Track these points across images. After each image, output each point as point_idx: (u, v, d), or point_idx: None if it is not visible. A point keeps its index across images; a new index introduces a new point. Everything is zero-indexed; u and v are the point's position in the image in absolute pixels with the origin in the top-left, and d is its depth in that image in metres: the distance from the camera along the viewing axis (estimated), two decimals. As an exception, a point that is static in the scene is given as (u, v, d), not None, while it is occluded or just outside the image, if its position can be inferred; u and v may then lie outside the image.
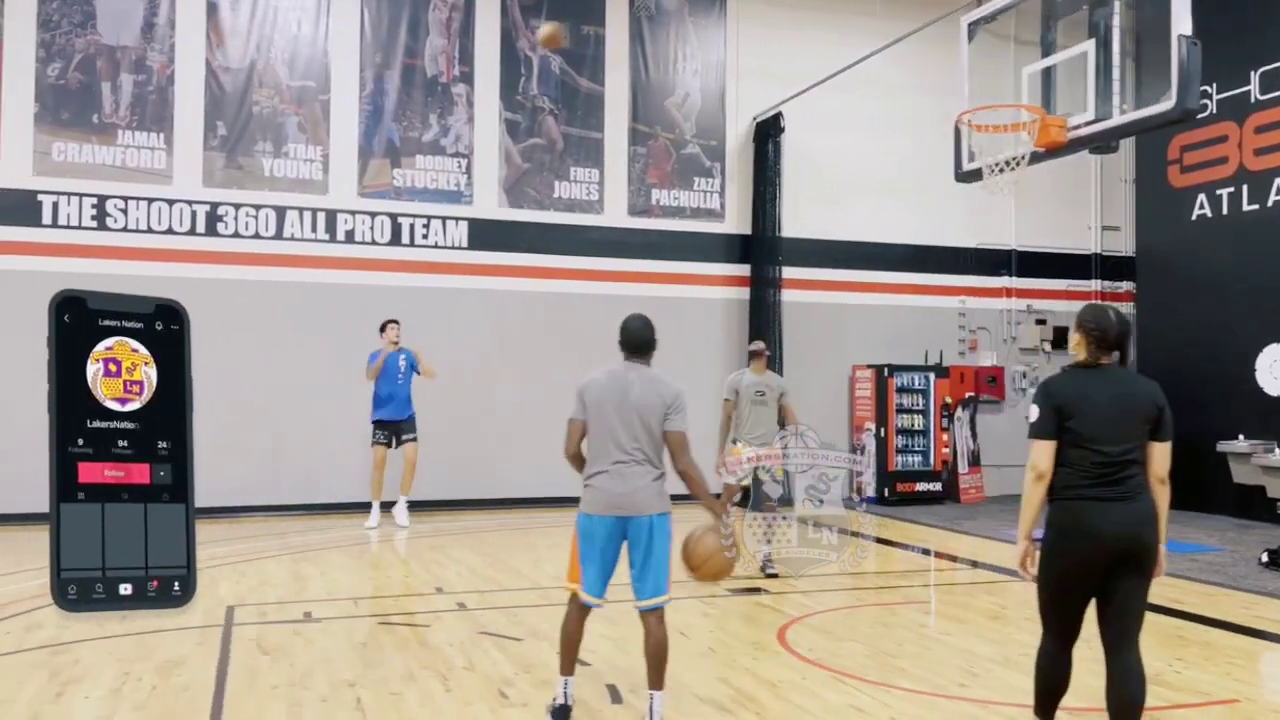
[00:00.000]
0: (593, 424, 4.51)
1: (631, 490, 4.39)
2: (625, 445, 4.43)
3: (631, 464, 4.42)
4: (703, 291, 13.49)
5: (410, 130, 12.47)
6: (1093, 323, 3.90)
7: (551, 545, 9.61)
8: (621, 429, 4.44)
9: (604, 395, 4.51)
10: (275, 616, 6.56)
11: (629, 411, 4.46)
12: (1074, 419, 3.80)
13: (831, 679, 5.19)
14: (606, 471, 4.43)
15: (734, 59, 13.70)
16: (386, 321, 11.00)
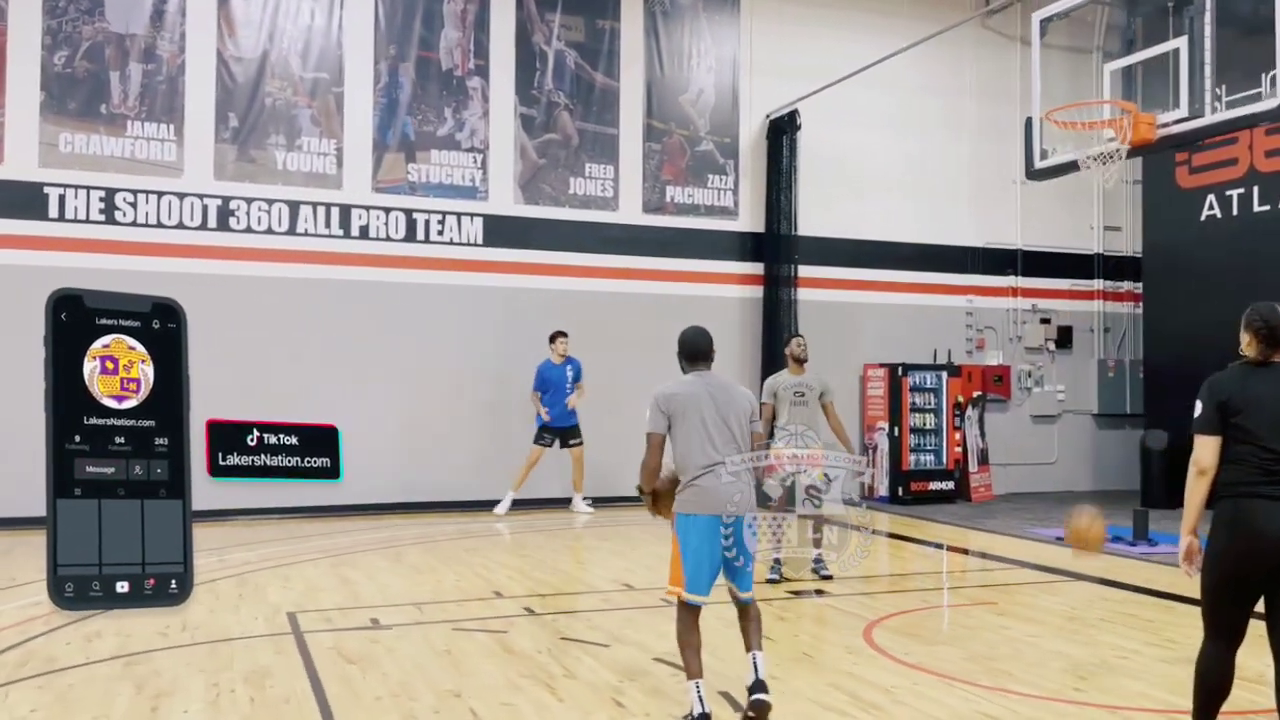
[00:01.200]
0: (681, 432, 4.69)
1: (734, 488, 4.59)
2: (720, 449, 4.64)
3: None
4: (716, 290, 13.42)
5: (425, 124, 12.24)
6: (1260, 321, 3.90)
7: (588, 548, 9.51)
8: (715, 434, 4.66)
9: (689, 405, 4.71)
10: (343, 623, 6.37)
11: (718, 417, 4.69)
12: (1240, 415, 3.78)
13: (942, 684, 5.12)
14: (708, 473, 4.60)
15: (747, 55, 13.64)
16: (556, 333, 11.54)
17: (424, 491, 11.74)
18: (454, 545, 9.59)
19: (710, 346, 5.01)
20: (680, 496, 4.67)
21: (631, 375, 12.79)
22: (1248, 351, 3.94)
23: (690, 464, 4.62)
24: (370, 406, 11.53)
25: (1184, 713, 4.63)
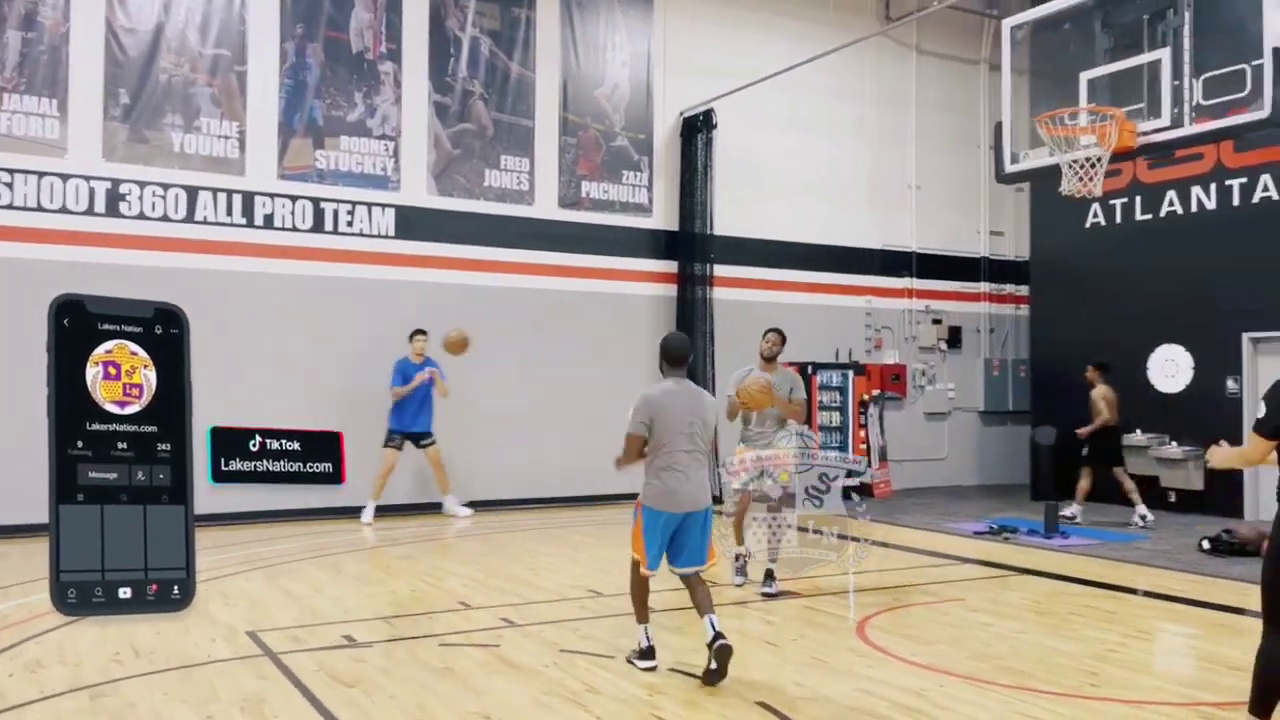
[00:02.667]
0: (658, 433, 5.31)
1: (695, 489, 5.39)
2: (690, 452, 5.36)
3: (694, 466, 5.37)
4: (631, 287, 13.29)
5: (334, 109, 11.62)
6: None
7: (531, 553, 9.21)
8: (686, 438, 5.33)
9: (668, 409, 5.34)
10: (314, 643, 5.91)
11: (688, 422, 5.37)
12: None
13: (967, 685, 5.15)
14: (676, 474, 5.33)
15: (660, 52, 13.56)
16: (415, 332, 10.93)
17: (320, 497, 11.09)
18: (387, 553, 9.12)
19: (689, 353, 5.66)
20: (648, 491, 5.36)
21: (547, 372, 12.56)
22: None
23: (661, 463, 5.29)
24: (281, 406, 10.85)
25: (1203, 704, 4.80)
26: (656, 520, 5.33)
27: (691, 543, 5.41)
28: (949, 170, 15.83)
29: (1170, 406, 12.82)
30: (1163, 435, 12.78)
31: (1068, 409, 13.85)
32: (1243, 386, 12.13)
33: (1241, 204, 12.17)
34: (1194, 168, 12.38)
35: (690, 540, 5.40)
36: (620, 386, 13.07)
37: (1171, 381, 12.88)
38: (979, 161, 16.13)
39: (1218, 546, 9.55)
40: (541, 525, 11.03)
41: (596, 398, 12.90)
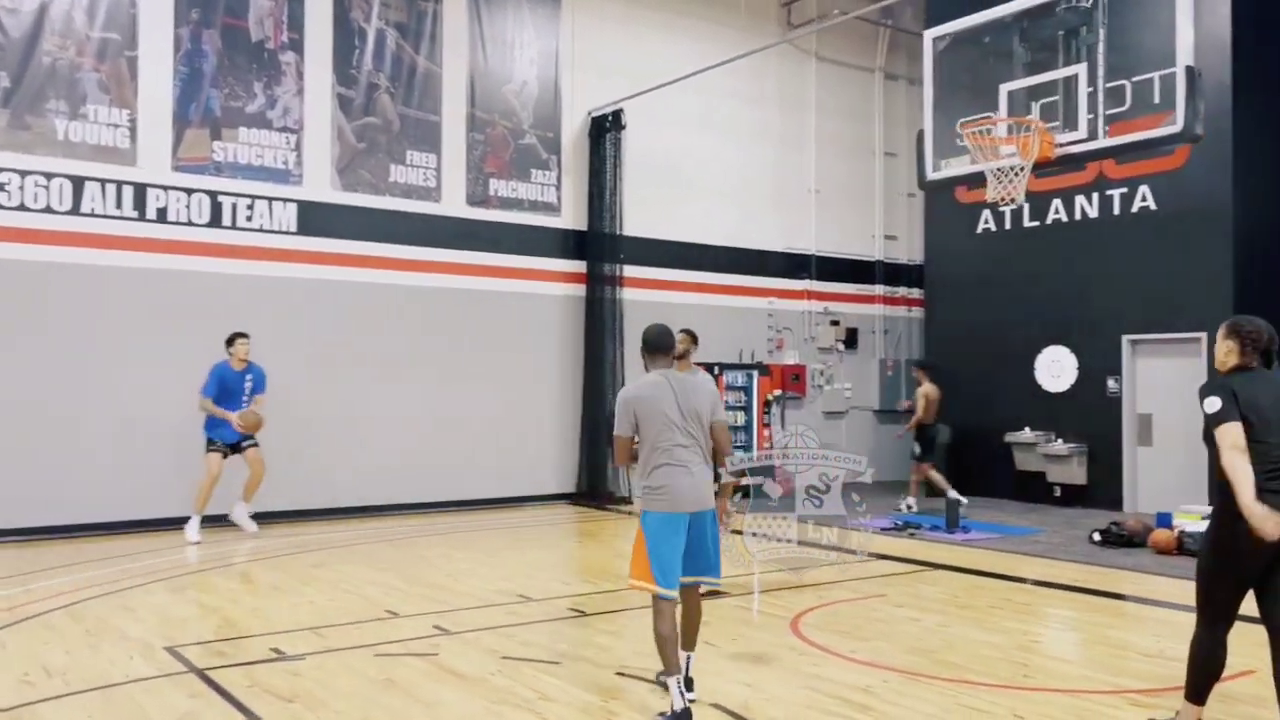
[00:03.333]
0: (648, 432, 4.75)
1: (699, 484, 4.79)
2: (686, 445, 4.76)
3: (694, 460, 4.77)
4: (539, 287, 13.19)
5: (233, 99, 11.17)
6: (1249, 329, 4.25)
7: (444, 557, 9.04)
8: (680, 431, 4.75)
9: (654, 405, 4.76)
10: (241, 657, 5.66)
11: (681, 414, 4.77)
12: (1248, 415, 4.08)
13: (909, 680, 5.28)
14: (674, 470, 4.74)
15: (569, 50, 13.49)
16: (235, 335, 10.02)
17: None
18: (297, 561, 8.81)
19: (673, 343, 5.00)
20: (647, 496, 4.76)
21: (453, 373, 12.36)
22: (1230, 359, 4.28)
23: (655, 461, 4.71)
24: (162, 410, 10.39)
25: (1130, 692, 5.04)
26: (661, 525, 4.65)
27: (701, 549, 4.75)
28: (846, 175, 16.22)
29: (1056, 405, 13.43)
30: (1049, 433, 13.36)
31: (961, 408, 14.37)
32: (1122, 386, 12.78)
33: (1122, 213, 12.83)
34: (1078, 177, 12.97)
35: (700, 546, 4.74)
36: (528, 387, 13.02)
37: (1057, 381, 13.48)
38: (874, 167, 16.58)
39: (1107, 538, 10.04)
40: (450, 529, 10.84)
41: (504, 398, 12.79)
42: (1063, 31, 7.30)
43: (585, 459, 13.18)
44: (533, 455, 13.02)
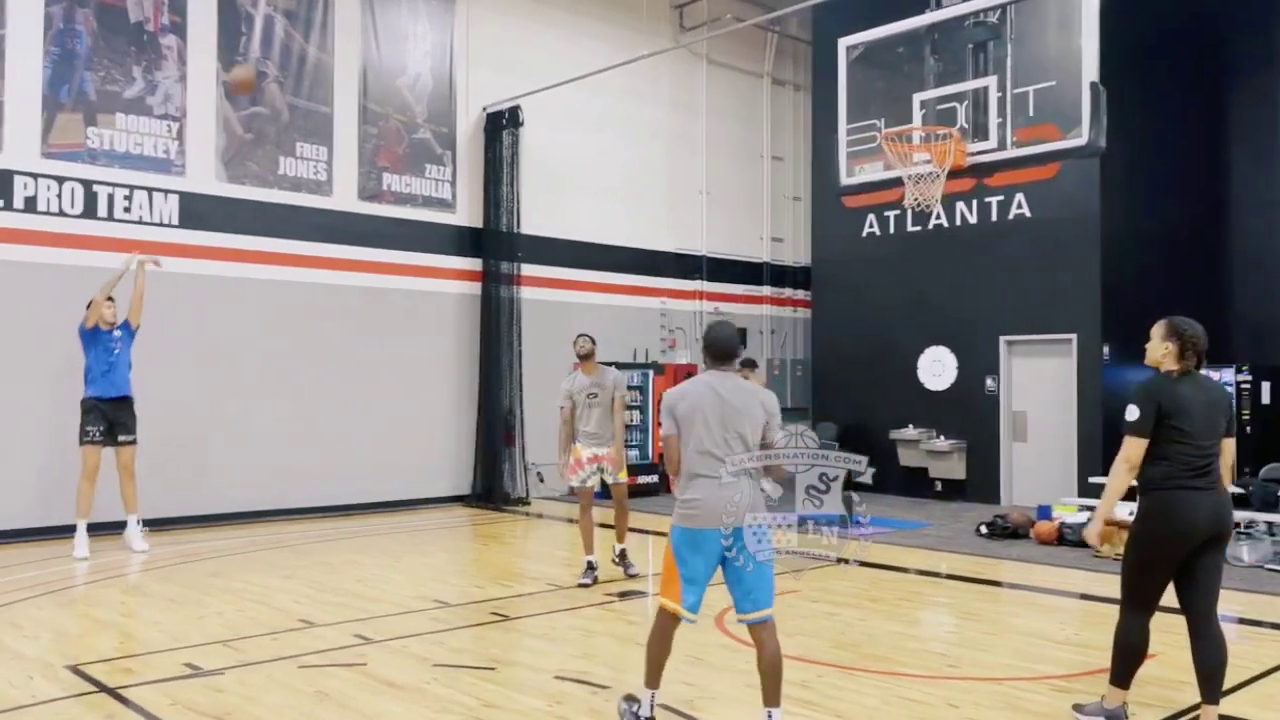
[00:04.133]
0: (687, 437, 4.35)
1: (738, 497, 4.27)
2: (723, 456, 4.29)
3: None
4: (434, 285, 12.94)
5: (109, 83, 10.57)
6: (1189, 332, 4.45)
7: (351, 563, 8.78)
8: (719, 441, 4.30)
9: (694, 408, 4.34)
10: (153, 674, 5.36)
11: (723, 423, 4.31)
12: (1175, 418, 4.33)
13: (843, 674, 5.41)
14: (706, 482, 4.29)
15: (463, 44, 13.28)
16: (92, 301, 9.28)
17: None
18: (190, 571, 8.40)
19: (734, 344, 4.52)
20: (678, 508, 4.38)
21: (344, 372, 12.01)
22: (1166, 361, 4.50)
23: (689, 472, 4.34)
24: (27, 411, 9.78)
25: (1050, 678, 5.29)
26: (683, 541, 4.31)
27: (751, 578, 4.26)
28: (735, 178, 16.49)
29: (937, 403, 13.97)
30: (931, 430, 13.89)
31: (846, 406, 14.82)
32: (1000, 384, 13.39)
33: (999, 219, 13.44)
34: (958, 185, 13.48)
35: (749, 574, 4.26)
36: (422, 387, 12.76)
37: (938, 380, 14.02)
38: (761, 170, 16.90)
39: (993, 530, 10.51)
40: (347, 534, 10.54)
41: (397, 399, 12.50)
42: (971, 45, 7.60)
43: (481, 460, 13.00)
44: (427, 457, 12.76)
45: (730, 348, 4.49)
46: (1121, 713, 4.55)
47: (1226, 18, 14.38)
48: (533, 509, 12.61)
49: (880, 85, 8.41)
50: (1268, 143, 14.03)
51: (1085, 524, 9.76)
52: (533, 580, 8.16)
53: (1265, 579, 8.18)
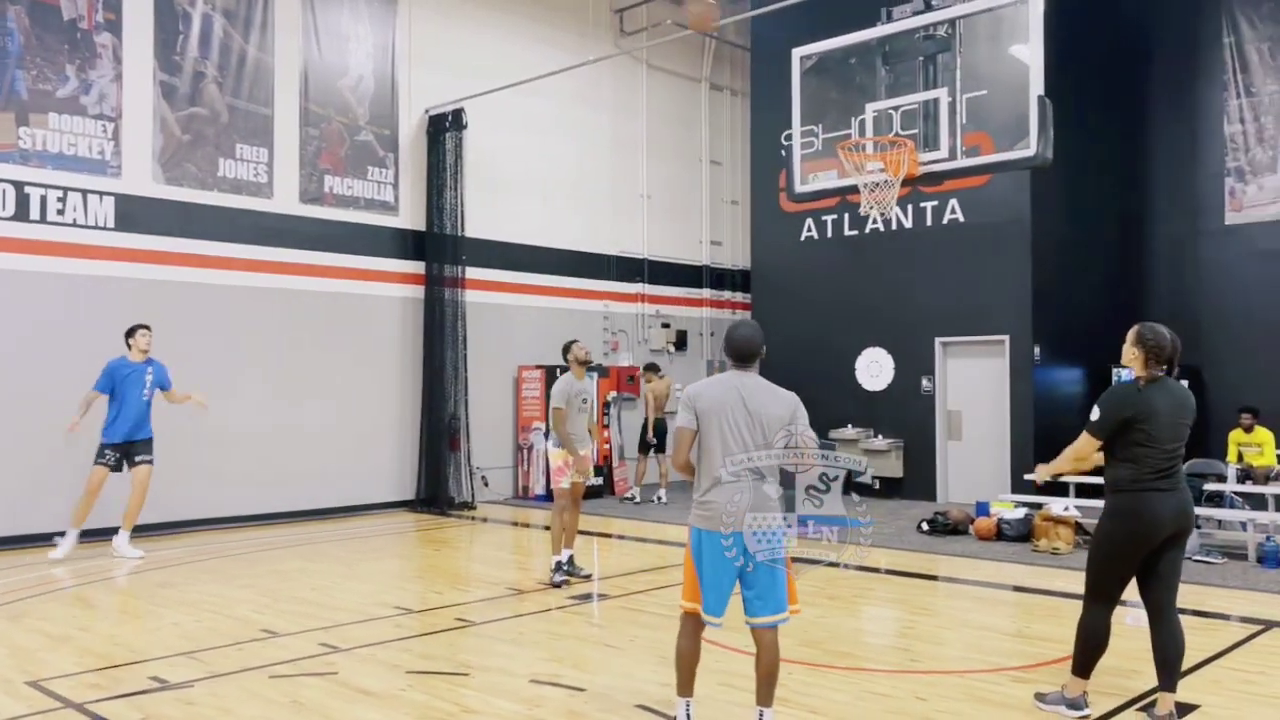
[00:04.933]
0: (704, 437, 4.30)
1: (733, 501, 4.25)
2: (743, 455, 4.26)
3: (754, 476, 4.27)
4: (376, 288, 12.84)
5: (42, 82, 10.28)
6: (1153, 341, 4.64)
7: (303, 571, 8.70)
8: (736, 443, 4.26)
9: (713, 407, 4.29)
10: (119, 689, 5.26)
11: (743, 425, 4.27)
12: (1141, 424, 4.54)
13: (812, 671, 5.55)
14: (720, 485, 4.24)
15: (406, 46, 13.19)
16: (136, 326, 9.47)
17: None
18: (138, 582, 8.24)
19: (756, 345, 4.45)
20: (696, 509, 4.34)
21: (284, 377, 11.84)
22: (1135, 367, 4.70)
23: (706, 473, 4.29)
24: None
25: (1009, 669, 5.51)
26: (703, 544, 4.27)
27: (759, 580, 4.27)
28: (675, 181, 16.64)
29: (875, 403, 14.29)
30: (869, 429, 14.21)
31: (786, 407, 15.00)
32: (935, 384, 13.75)
33: (934, 224, 13.81)
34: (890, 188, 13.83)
35: (758, 577, 4.27)
36: (365, 391, 12.64)
37: (876, 380, 14.35)
38: (700, 174, 17.09)
39: (934, 527, 10.82)
40: (294, 541, 10.40)
41: (340, 403, 12.38)
42: (922, 58, 7.84)
43: (425, 465, 12.92)
44: (370, 462, 12.65)
45: (751, 348, 4.42)
46: (1082, 701, 4.76)
47: (1149, 33, 15.00)
48: (478, 513, 12.58)
49: (820, 92, 8.62)
50: (1187, 153, 14.66)
51: (1023, 518, 10.16)
52: (491, 585, 8.17)
53: (1193, 570, 8.57)
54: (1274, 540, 8.93)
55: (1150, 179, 15.07)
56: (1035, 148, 7.18)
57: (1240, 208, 14.19)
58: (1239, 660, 5.76)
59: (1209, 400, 14.13)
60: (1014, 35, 7.61)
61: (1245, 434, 11.83)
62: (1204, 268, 14.45)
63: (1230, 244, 14.22)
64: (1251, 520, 9.32)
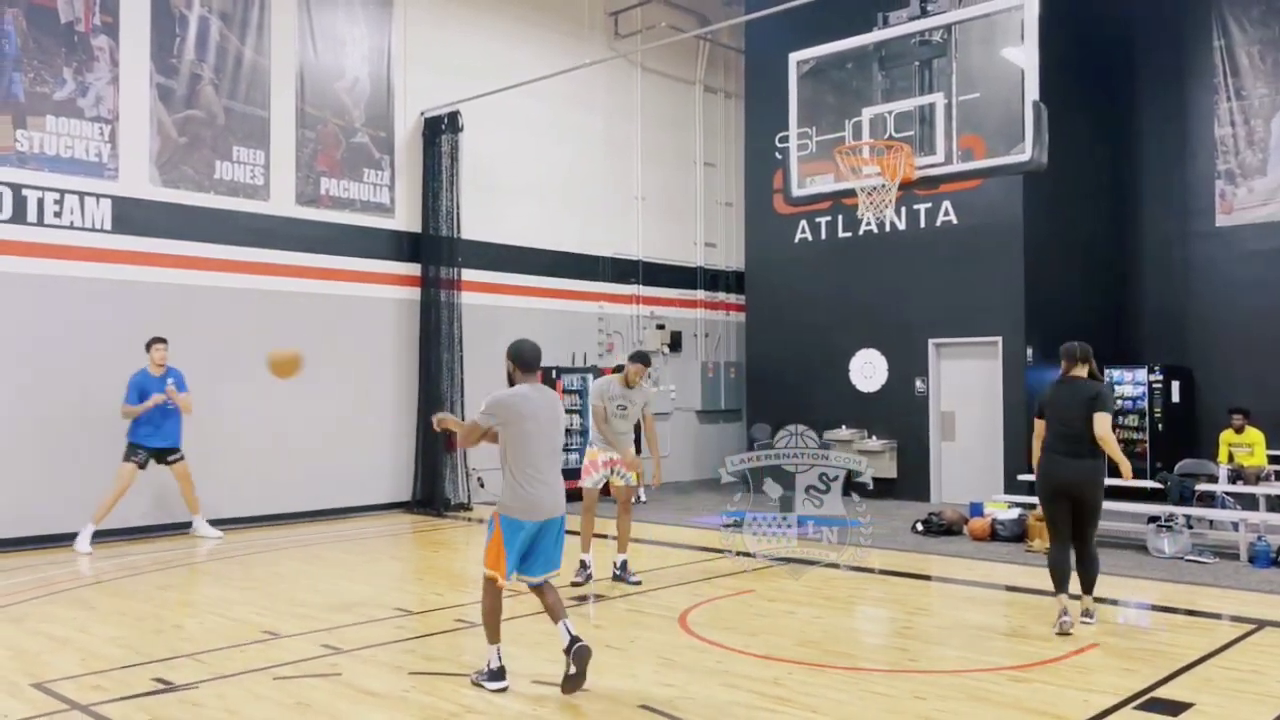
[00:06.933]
0: (513, 439, 5.28)
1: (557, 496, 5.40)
2: (548, 458, 5.39)
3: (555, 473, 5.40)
4: (373, 290, 12.87)
5: (39, 84, 10.29)
6: (1064, 350, 6.66)
7: (304, 573, 8.73)
8: (545, 444, 5.37)
9: (522, 413, 5.30)
10: (124, 690, 5.29)
11: (547, 428, 5.41)
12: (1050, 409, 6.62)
13: (813, 671, 5.61)
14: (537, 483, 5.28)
15: (401, 48, 13.22)
16: (153, 340, 9.88)
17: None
18: (137, 584, 8.25)
19: (540, 358, 5.58)
20: (510, 501, 5.25)
21: (280, 380, 11.83)
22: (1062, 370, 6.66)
23: (523, 471, 5.23)
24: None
25: (1005, 669, 5.59)
26: (518, 531, 5.22)
27: (546, 550, 5.35)
28: (669, 183, 16.71)
29: (868, 404, 14.38)
30: (863, 430, 14.29)
31: (780, 407, 15.11)
32: (929, 386, 13.84)
33: (927, 226, 13.90)
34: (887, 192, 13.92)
35: (545, 547, 5.34)
36: (361, 393, 12.67)
37: (870, 382, 14.43)
38: (694, 176, 17.15)
39: (929, 528, 10.90)
40: (289, 543, 10.43)
41: (336, 405, 12.40)
42: (918, 62, 7.91)
43: (422, 466, 12.96)
44: (366, 464, 12.68)
45: (535, 360, 5.57)
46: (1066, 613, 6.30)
47: (1139, 36, 15.11)
48: (474, 514, 12.62)
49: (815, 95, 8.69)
50: (1176, 155, 14.78)
51: (1016, 518, 10.23)
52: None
53: (1185, 570, 8.67)
54: (1265, 540, 9.03)
55: (1141, 181, 15.18)
56: (1031, 152, 7.26)
57: (1231, 210, 14.31)
58: (1232, 659, 5.84)
59: (1200, 401, 14.26)
60: (1006, 38, 7.69)
61: (1236, 434, 11.95)
62: (1195, 269, 14.57)
63: (1221, 246, 14.34)
64: (1243, 520, 9.41)
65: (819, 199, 9.68)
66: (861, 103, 8.35)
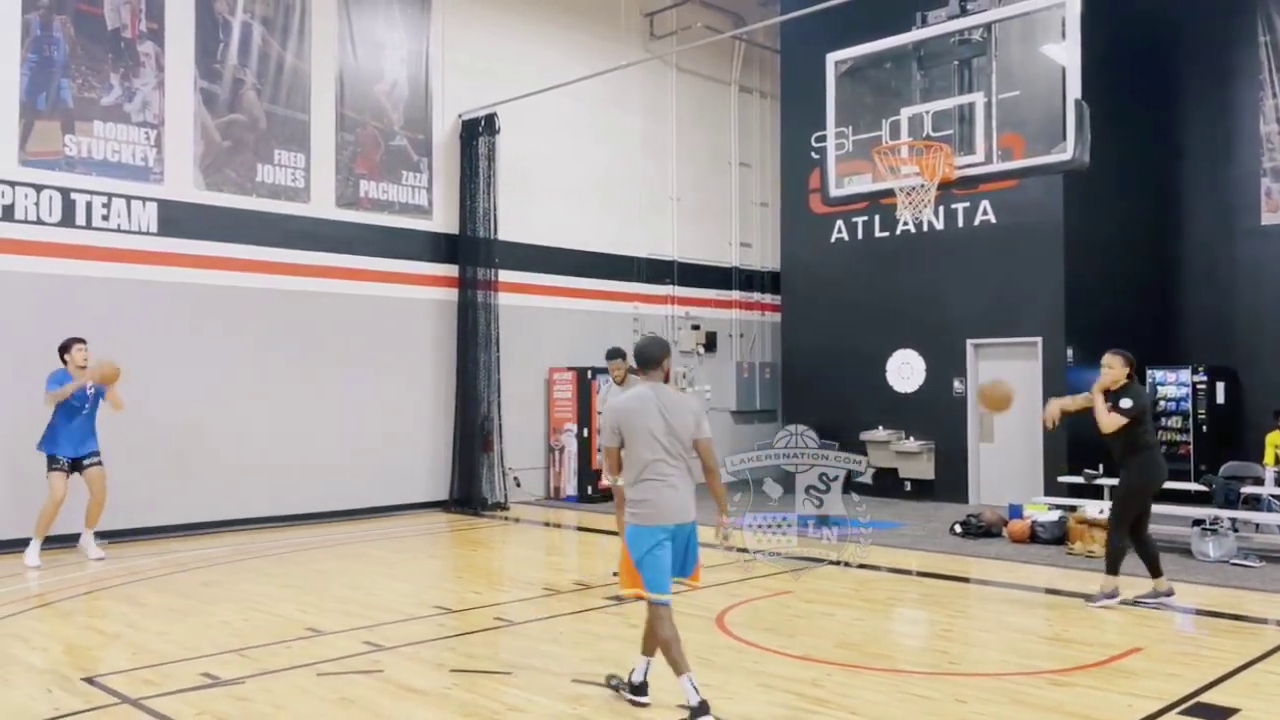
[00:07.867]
0: (631, 444, 4.88)
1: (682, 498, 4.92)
2: (669, 460, 4.88)
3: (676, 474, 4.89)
4: (410, 291, 12.99)
5: (87, 90, 10.49)
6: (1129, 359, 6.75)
7: (341, 571, 8.83)
8: (664, 445, 4.86)
9: (639, 417, 4.87)
10: (172, 685, 5.40)
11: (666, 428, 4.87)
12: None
13: (850, 672, 5.60)
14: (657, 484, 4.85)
15: (439, 52, 13.34)
16: (71, 340, 9.27)
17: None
18: (182, 580, 8.40)
19: (657, 355, 5.08)
20: (632, 508, 4.87)
21: (322, 379, 12.01)
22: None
23: (640, 475, 4.84)
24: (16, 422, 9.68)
25: (1046, 673, 5.55)
26: (644, 538, 4.83)
27: (676, 559, 4.93)
28: (704, 183, 16.71)
29: (906, 404, 14.29)
30: (900, 431, 14.21)
31: (816, 407, 15.06)
32: (967, 386, 13.74)
33: (965, 225, 13.79)
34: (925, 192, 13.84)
35: (675, 555, 4.92)
36: (399, 393, 12.79)
37: (907, 382, 14.35)
38: (729, 177, 17.14)
39: (967, 530, 10.82)
40: (331, 541, 10.56)
41: (375, 405, 12.53)
42: (957, 61, 7.87)
43: (459, 465, 13.06)
44: (405, 463, 12.80)
45: (656, 358, 5.07)
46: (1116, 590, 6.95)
47: (1183, 32, 14.90)
48: (511, 514, 12.70)
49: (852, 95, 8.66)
50: (1220, 153, 14.55)
51: (1056, 521, 10.15)
52: (527, 585, 8.28)
53: (1231, 573, 8.55)
54: (1312, 544, 8.89)
55: (1185, 179, 14.96)
56: (1073, 151, 7.20)
57: (1276, 208, 14.06)
58: (1278, 664, 5.76)
59: (1245, 402, 14.03)
60: (1046, 35, 7.64)
61: (1282, 436, 11.75)
62: (1240, 268, 14.33)
63: (1266, 244, 14.09)
64: (1289, 523, 9.27)
65: (857, 199, 9.64)
66: (900, 102, 8.32)
